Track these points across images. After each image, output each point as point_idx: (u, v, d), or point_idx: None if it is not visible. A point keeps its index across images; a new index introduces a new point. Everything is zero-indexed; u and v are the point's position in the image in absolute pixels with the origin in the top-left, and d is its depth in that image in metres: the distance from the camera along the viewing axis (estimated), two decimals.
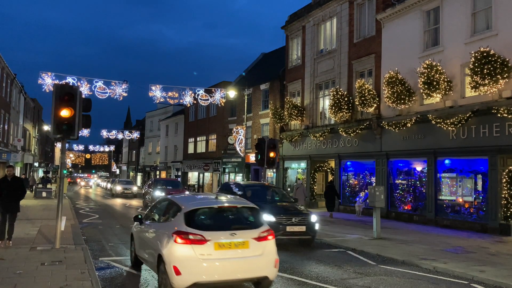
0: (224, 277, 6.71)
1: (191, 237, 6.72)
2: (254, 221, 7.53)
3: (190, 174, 48.43)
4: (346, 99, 23.17)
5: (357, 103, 22.03)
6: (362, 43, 23.50)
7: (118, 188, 39.67)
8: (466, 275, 9.23)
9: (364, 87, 21.49)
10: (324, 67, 26.50)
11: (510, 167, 15.64)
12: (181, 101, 27.33)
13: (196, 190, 43.95)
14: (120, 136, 59.29)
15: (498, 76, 15.24)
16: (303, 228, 12.59)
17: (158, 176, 54.23)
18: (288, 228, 12.39)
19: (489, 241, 14.15)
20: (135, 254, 9.28)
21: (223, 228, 7.06)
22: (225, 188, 16.13)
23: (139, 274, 8.97)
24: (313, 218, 12.96)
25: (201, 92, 27.79)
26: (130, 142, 74.32)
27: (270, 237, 7.23)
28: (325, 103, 26.29)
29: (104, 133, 56.21)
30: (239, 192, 14.41)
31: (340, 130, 23.74)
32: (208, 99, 27.99)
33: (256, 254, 6.93)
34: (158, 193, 24.12)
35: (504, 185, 15.63)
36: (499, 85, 15.43)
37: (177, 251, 6.67)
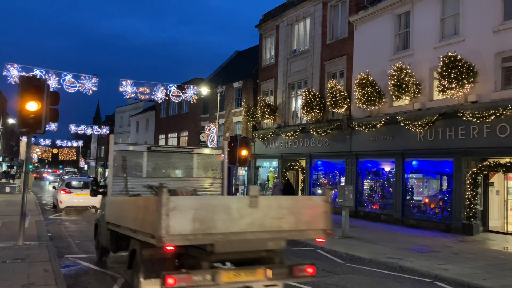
0: (77, 204, 21.21)
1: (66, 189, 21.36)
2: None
3: None
4: (318, 99, 23.40)
5: (328, 103, 22.29)
6: (335, 45, 23.78)
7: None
8: (430, 273, 9.49)
9: (335, 88, 21.76)
10: (297, 67, 26.67)
11: (474, 169, 16.17)
12: (152, 97, 26.91)
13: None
14: (89, 131, 57.91)
15: (464, 80, 15.71)
16: None
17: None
18: None
19: (452, 240, 14.59)
20: None
21: (79, 188, 21.62)
22: None
23: (105, 271, 8.80)
24: None
25: (173, 88, 27.47)
26: (99, 138, 72.83)
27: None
28: (298, 102, 26.47)
29: (73, 127, 54.81)
30: None
31: (311, 130, 23.97)
32: (180, 96, 27.69)
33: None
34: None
35: (468, 186, 16.14)
36: (465, 90, 15.91)
37: (61, 195, 21.10)
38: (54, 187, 25.59)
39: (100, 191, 9.93)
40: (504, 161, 15.32)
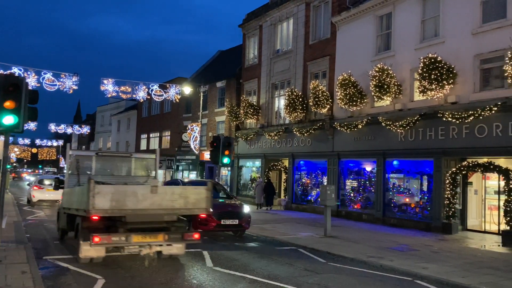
0: (48, 198, 24.02)
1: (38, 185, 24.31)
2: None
3: None
4: (300, 99, 23.50)
5: (311, 103, 22.40)
6: (318, 45, 23.91)
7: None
8: (411, 272, 9.61)
9: (318, 88, 21.88)
10: (280, 67, 26.73)
11: (453, 169, 16.44)
12: (134, 96, 26.64)
13: None
14: (69, 131, 57.04)
15: (444, 81, 15.97)
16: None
17: None
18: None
19: (432, 239, 14.81)
20: None
21: (50, 185, 23.38)
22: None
23: (85, 272, 8.67)
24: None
25: (156, 87, 27.24)
26: (80, 137, 71.77)
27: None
28: (281, 102, 26.53)
29: (52, 127, 53.92)
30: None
31: (294, 130, 24.05)
32: (162, 95, 27.49)
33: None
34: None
35: (447, 186, 16.41)
36: (445, 91, 16.17)
37: (34, 191, 24.10)
38: (28, 184, 28.74)
39: (61, 186, 13.30)
40: (482, 161, 15.61)
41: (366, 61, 20.14)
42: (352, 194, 21.39)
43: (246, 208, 14.74)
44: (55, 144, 78.04)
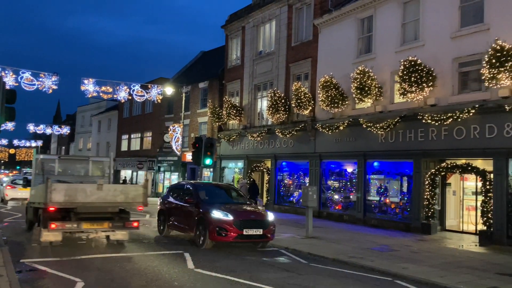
0: (20, 196, 24.07)
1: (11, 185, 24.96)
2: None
3: (123, 172, 46.92)
4: (283, 101, 23.58)
5: (293, 105, 22.50)
6: (300, 47, 24.04)
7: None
8: (390, 272, 9.73)
9: (300, 90, 21.99)
10: (262, 69, 26.78)
11: (432, 170, 16.71)
12: (115, 96, 26.34)
13: None
14: (48, 131, 56.02)
15: (424, 84, 16.23)
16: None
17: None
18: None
19: (412, 239, 15.02)
20: None
21: (22, 184, 24.55)
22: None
23: (64, 275, 8.53)
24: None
25: (137, 87, 26.98)
26: (60, 138, 70.55)
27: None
28: (263, 104, 26.58)
29: (31, 127, 52.91)
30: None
31: (276, 131, 24.12)
32: (144, 95, 27.23)
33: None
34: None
35: (427, 187, 16.67)
36: (424, 93, 16.44)
37: (7, 190, 25.05)
38: (1, 183, 30.02)
39: (28, 185, 15.81)
40: (461, 163, 15.91)
41: (348, 63, 20.33)
42: (333, 195, 21.55)
43: (271, 216, 12.71)
44: (33, 144, 76.49)
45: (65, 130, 56.38)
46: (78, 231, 11.49)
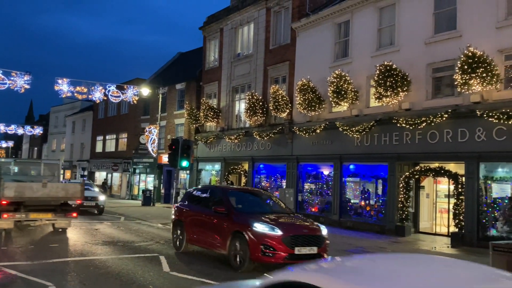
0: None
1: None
2: None
3: (97, 174, 46.13)
4: (261, 103, 23.63)
5: (271, 108, 22.57)
6: (278, 50, 24.15)
7: None
8: None
9: (278, 93, 22.08)
10: (240, 71, 26.78)
11: (407, 173, 17.02)
12: (90, 96, 25.90)
13: (103, 190, 42.03)
14: (20, 132, 54.64)
15: (399, 89, 16.52)
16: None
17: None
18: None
19: (386, 241, 15.24)
20: None
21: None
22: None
23: (35, 279, 8.30)
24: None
25: (113, 88, 26.59)
26: (32, 138, 68.85)
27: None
28: (241, 106, 26.57)
29: (2, 127, 51.51)
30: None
31: (254, 134, 24.14)
32: (119, 96, 26.86)
33: None
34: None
35: (401, 189, 16.96)
36: (399, 97, 16.74)
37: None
38: None
39: None
40: (434, 166, 16.26)
41: (325, 67, 20.53)
42: (310, 197, 21.69)
43: (324, 229, 10.33)
44: (4, 145, 74.40)
45: (38, 130, 55.09)
46: (27, 220, 14.07)
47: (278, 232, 9.40)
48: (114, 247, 12.48)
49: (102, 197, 22.94)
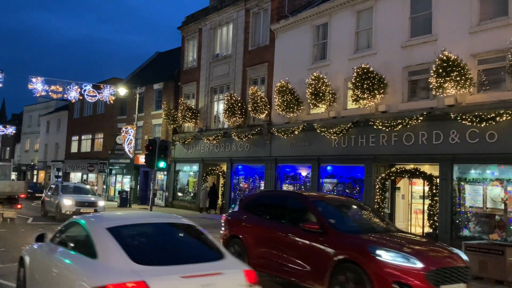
0: None
1: None
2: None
3: (72, 175, 45.24)
4: (239, 104, 23.60)
5: (250, 109, 22.56)
6: (257, 51, 24.17)
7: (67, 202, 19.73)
8: None
9: (257, 94, 22.10)
10: (219, 72, 26.70)
11: (383, 175, 17.25)
12: (65, 96, 25.42)
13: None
14: None
15: (376, 91, 16.74)
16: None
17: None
18: None
19: None
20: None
21: None
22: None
23: (3, 282, 8.06)
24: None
25: (89, 87, 26.16)
26: (4, 138, 67.05)
27: None
28: (220, 107, 26.48)
29: None
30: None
31: (233, 135, 24.09)
32: (95, 96, 26.45)
33: None
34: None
35: (377, 191, 17.18)
36: (376, 100, 16.96)
37: None
38: None
39: None
40: (409, 168, 16.52)
41: (303, 69, 20.64)
42: None
43: (463, 255, 7.49)
44: None
45: (10, 130, 53.69)
46: None
47: (418, 264, 6.52)
48: None
49: (101, 203, 20.60)
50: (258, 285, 5.17)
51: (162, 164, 18.02)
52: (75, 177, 44.70)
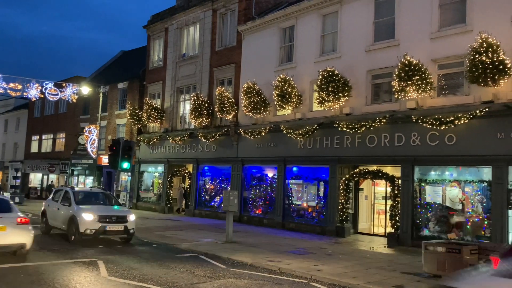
0: None
1: None
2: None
3: (32, 176, 43.73)
4: (206, 105, 23.46)
5: (216, 109, 22.47)
6: (224, 52, 24.11)
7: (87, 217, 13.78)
8: (306, 275, 10.01)
9: (224, 95, 22.03)
10: (186, 72, 26.46)
11: (347, 176, 17.56)
12: (25, 94, 24.50)
13: (39, 194, 39.98)
14: None
15: (340, 94, 17.03)
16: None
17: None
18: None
19: (327, 242, 15.63)
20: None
21: None
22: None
23: None
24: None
25: (50, 85, 25.33)
26: None
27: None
28: (186, 107, 26.24)
29: None
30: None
31: (199, 135, 23.91)
32: (57, 94, 25.61)
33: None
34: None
35: (341, 191, 17.48)
36: (340, 102, 17.25)
37: None
38: None
39: None
40: (372, 169, 16.89)
41: (270, 70, 20.75)
42: (254, 200, 21.80)
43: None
44: None
45: None
46: None
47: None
48: (49, 252, 11.84)
49: (131, 217, 14.31)
50: (26, 225, 10.57)
51: (126, 165, 17.73)
52: (35, 178, 43.21)
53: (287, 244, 14.75)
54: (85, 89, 28.26)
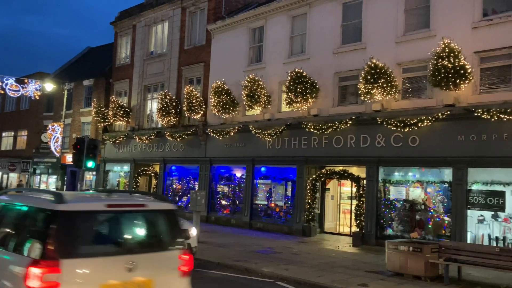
0: None
1: None
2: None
3: None
4: (174, 104, 23.21)
5: (185, 109, 22.27)
6: (193, 51, 23.93)
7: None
8: (273, 274, 10.09)
9: (192, 94, 21.86)
10: (153, 70, 26.10)
11: (314, 176, 17.79)
12: None
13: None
14: None
15: (308, 95, 17.23)
16: None
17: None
18: None
19: (293, 241, 15.78)
20: None
21: None
22: None
23: None
24: None
25: (11, 81, 24.48)
26: None
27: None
28: (153, 106, 25.88)
29: None
30: None
31: (166, 134, 23.64)
32: (19, 90, 24.82)
33: None
34: None
35: (308, 191, 17.69)
36: (308, 103, 17.45)
37: None
38: None
39: None
40: (338, 169, 17.18)
41: (239, 70, 20.75)
42: (222, 200, 21.75)
43: None
44: None
45: None
46: None
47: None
48: None
49: (194, 231, 12.26)
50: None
51: (90, 164, 17.31)
52: None
53: (255, 243, 14.80)
54: (49, 86, 27.47)
